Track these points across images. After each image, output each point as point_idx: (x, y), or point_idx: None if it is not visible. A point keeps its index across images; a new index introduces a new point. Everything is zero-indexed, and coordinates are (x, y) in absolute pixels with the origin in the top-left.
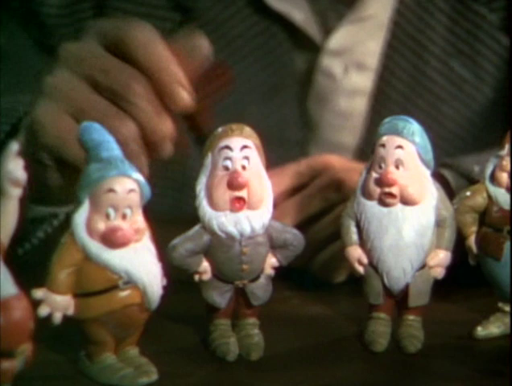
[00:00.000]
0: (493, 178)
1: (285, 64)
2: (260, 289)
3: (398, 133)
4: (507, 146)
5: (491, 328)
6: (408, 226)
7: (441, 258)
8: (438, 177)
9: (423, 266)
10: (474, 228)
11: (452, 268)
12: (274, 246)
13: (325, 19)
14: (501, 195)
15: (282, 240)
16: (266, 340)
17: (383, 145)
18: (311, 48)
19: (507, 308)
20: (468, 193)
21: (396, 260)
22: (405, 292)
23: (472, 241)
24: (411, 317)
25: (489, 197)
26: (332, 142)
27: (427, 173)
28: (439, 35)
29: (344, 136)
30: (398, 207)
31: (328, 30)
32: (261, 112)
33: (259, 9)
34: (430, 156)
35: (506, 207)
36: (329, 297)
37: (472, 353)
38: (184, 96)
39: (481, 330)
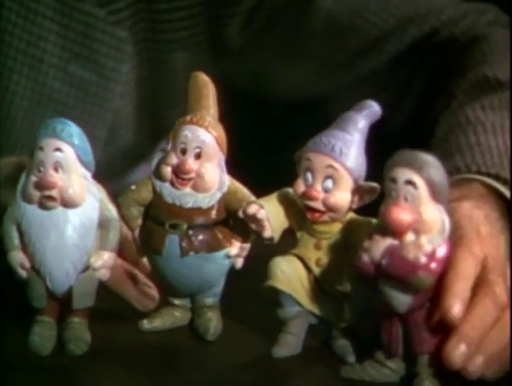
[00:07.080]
0: (158, 173)
1: None
2: None
3: (56, 135)
4: (171, 141)
5: (157, 321)
6: (70, 228)
7: (105, 259)
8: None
9: (87, 268)
10: (140, 221)
11: None
12: None
13: None
14: (165, 188)
15: None
16: None
17: (41, 148)
18: None
19: (177, 301)
20: (133, 187)
21: (58, 262)
22: (69, 294)
23: (136, 235)
24: (76, 319)
25: (154, 191)
26: None
27: (88, 174)
28: (53, 44)
29: None
30: (59, 210)
31: None
32: None
33: None
34: (90, 158)
35: (170, 200)
36: None
37: (135, 347)
38: None
39: (146, 323)
